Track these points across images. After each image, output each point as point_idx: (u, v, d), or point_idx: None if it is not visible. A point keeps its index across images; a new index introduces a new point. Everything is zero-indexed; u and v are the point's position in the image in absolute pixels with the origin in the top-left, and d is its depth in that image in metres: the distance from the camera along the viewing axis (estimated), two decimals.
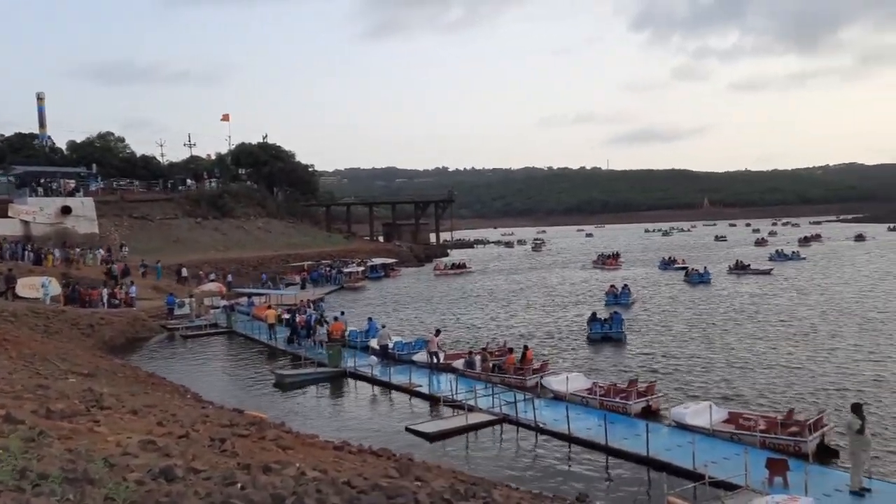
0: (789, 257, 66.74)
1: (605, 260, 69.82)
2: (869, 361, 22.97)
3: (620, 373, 22.75)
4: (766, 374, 21.99)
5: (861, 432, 12.64)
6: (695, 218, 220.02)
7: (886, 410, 17.35)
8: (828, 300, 37.56)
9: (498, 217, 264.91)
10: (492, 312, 38.90)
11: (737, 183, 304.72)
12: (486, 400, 19.07)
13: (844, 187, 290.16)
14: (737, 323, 31.77)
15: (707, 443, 14.82)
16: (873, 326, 29.16)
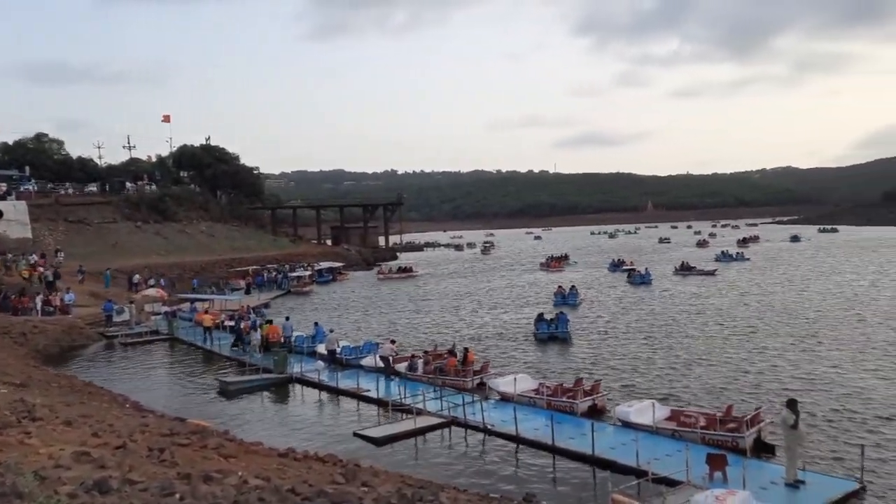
0: (734, 258, 68.74)
1: (550, 262, 70.61)
2: (804, 359, 23.79)
3: (567, 372, 23.05)
4: (707, 371, 22.58)
5: (795, 427, 13.09)
6: (639, 220, 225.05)
7: (819, 406, 18.00)
8: (766, 300, 38.82)
9: (447, 220, 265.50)
10: (439, 315, 38.92)
11: (679, 186, 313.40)
12: (435, 403, 19.06)
13: (780, 190, 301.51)
14: (679, 323, 32.56)
15: (650, 440, 15.13)
16: (808, 325, 30.25)
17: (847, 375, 21.01)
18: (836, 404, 18.10)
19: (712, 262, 64.90)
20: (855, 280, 46.84)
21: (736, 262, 66.77)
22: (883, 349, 24.48)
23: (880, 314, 31.98)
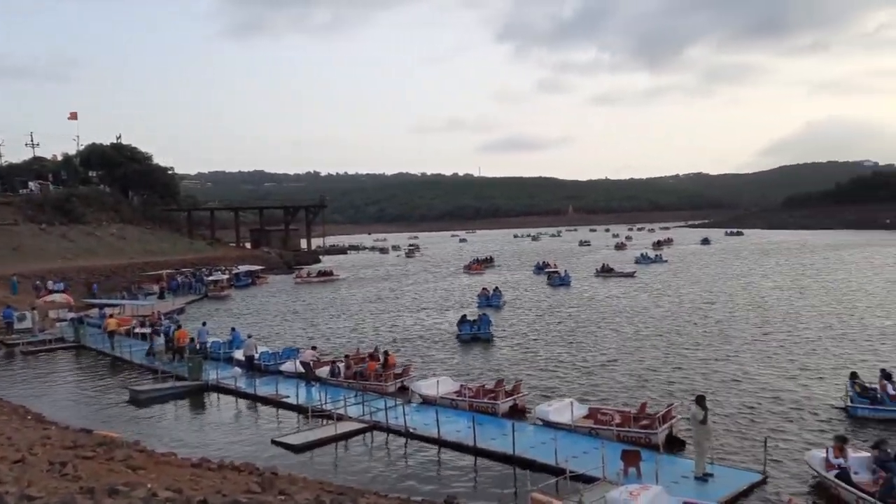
0: (653, 260, 71.11)
1: (472, 265, 71.07)
2: (712, 357, 24.80)
3: (490, 373, 23.26)
4: (624, 370, 23.24)
5: (704, 422, 13.64)
6: (560, 223, 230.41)
7: (726, 402, 18.81)
8: (679, 301, 40.34)
9: (372, 222, 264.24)
10: (361, 319, 38.50)
11: (598, 190, 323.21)
12: (357, 408, 18.85)
13: (692, 195, 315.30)
14: (597, 323, 33.43)
15: (569, 438, 15.42)
16: (717, 325, 31.56)
17: (751, 372, 22.01)
18: (741, 400, 18.94)
19: (632, 264, 66.91)
20: (759, 281, 49.32)
21: (655, 263, 69.11)
22: (784, 347, 25.82)
23: (781, 314, 33.75)
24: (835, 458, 12.80)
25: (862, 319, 30.92)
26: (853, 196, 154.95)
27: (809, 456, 13.63)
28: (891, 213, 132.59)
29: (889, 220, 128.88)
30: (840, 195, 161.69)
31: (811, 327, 29.48)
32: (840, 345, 25.78)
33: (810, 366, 22.52)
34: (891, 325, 29.19)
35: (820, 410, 17.65)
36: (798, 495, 12.51)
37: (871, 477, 12.29)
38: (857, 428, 15.89)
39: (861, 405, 16.76)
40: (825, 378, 20.77)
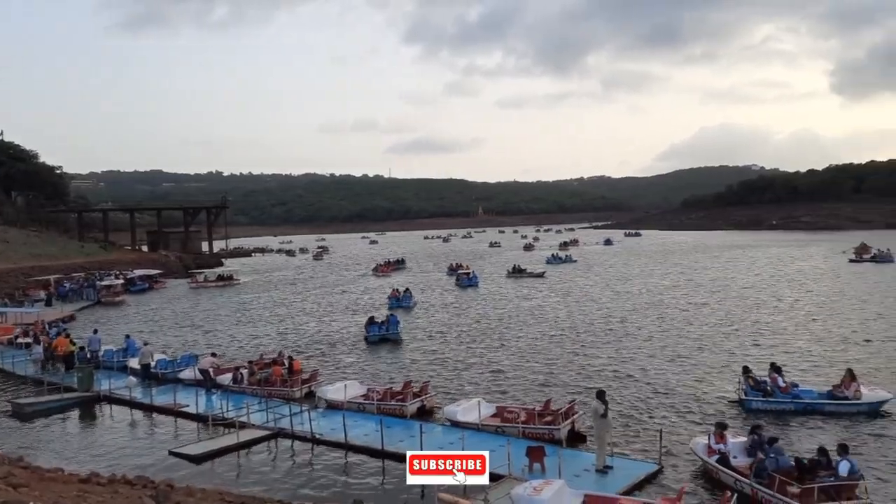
0: (562, 260, 72.88)
1: (380, 267, 70.64)
2: (613, 353, 25.70)
3: (400, 374, 23.12)
4: (532, 368, 23.64)
5: (604, 416, 14.08)
6: (470, 225, 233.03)
7: (626, 396, 19.50)
8: (585, 300, 41.51)
9: (278, 224, 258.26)
10: (265, 324, 37.44)
11: (507, 192, 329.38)
12: (261, 415, 18.31)
13: (596, 197, 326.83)
14: (506, 322, 33.94)
15: (476, 437, 15.55)
16: (618, 322, 32.73)
17: (651, 368, 22.88)
18: (640, 395, 19.66)
19: (543, 264, 68.29)
20: (658, 280, 51.52)
21: (565, 263, 70.92)
22: (681, 343, 27.00)
23: (679, 311, 35.34)
24: (716, 443, 13.63)
25: (751, 315, 32.73)
26: (742, 198, 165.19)
27: (694, 443, 14.37)
28: (775, 215, 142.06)
29: (775, 222, 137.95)
30: (730, 198, 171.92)
31: (706, 324, 30.93)
32: (733, 340, 27.09)
33: (706, 361, 23.50)
34: (776, 321, 31.09)
35: (715, 403, 18.43)
36: (689, 483, 13.13)
37: (748, 460, 13.10)
38: (751, 420, 16.47)
39: (754, 398, 17.56)
40: (720, 372, 21.70)
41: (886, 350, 24.04)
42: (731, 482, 12.76)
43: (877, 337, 26.43)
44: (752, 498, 12.07)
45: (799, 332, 28.26)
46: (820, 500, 11.17)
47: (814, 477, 11.76)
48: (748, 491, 12.25)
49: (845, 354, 23.45)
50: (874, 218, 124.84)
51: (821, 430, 15.83)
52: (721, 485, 12.96)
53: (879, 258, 59.15)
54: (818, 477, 11.74)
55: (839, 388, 17.27)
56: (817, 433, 15.65)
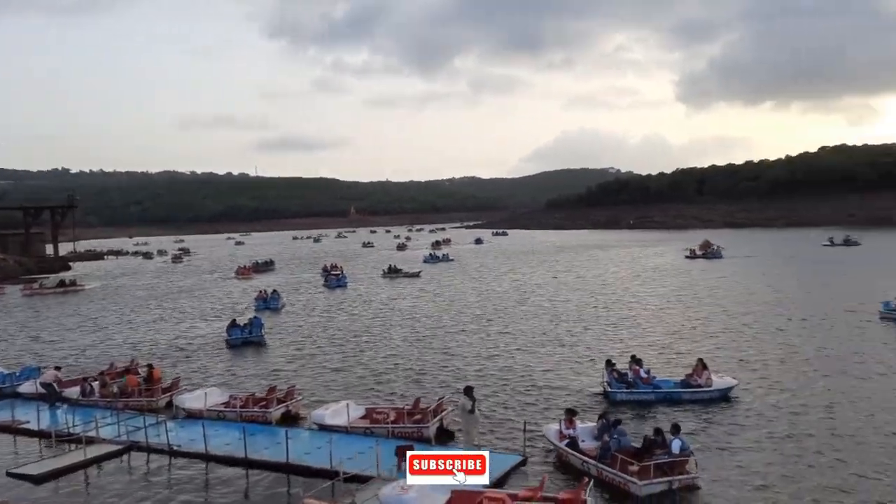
0: (440, 259, 73.45)
1: (241, 269, 67.80)
2: (482, 349, 26.24)
3: (266, 379, 22.30)
4: (404, 367, 23.62)
5: (472, 411, 14.35)
6: (342, 225, 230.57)
7: (494, 391, 19.91)
8: (457, 298, 41.98)
9: (135, 225, 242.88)
10: (118, 332, 34.79)
11: (378, 192, 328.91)
12: (112, 429, 17.05)
13: (467, 197, 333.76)
14: (377, 323, 33.75)
15: (345, 440, 15.37)
16: (487, 319, 33.47)
17: (519, 363, 23.50)
18: (508, 389, 20.13)
19: (420, 263, 68.61)
20: (527, 279, 53.23)
21: (442, 262, 71.59)
22: (546, 338, 28.04)
23: (545, 308, 36.68)
24: (566, 429, 14.43)
25: (611, 311, 34.45)
26: (601, 199, 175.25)
27: (546, 430, 15.05)
28: (631, 215, 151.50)
29: (632, 221, 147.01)
30: (591, 198, 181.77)
31: (570, 320, 32.20)
32: (596, 335, 28.29)
33: (572, 355, 24.41)
34: (632, 316, 32.97)
35: (581, 396, 19.13)
36: (552, 471, 13.64)
37: (595, 443, 13.93)
38: (616, 410, 17.11)
39: (618, 390, 18.42)
40: (584, 366, 22.59)
41: (728, 339, 26.14)
42: (579, 464, 13.60)
43: (719, 327, 28.72)
44: (597, 478, 12.90)
45: (653, 325, 30.15)
46: (656, 475, 12.32)
47: (651, 455, 12.85)
48: (594, 472, 13.11)
49: (694, 344, 25.26)
50: (714, 218, 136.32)
51: (679, 417, 16.75)
52: (571, 467, 13.70)
53: (710, 254, 64.76)
54: (655, 455, 12.84)
55: (692, 377, 18.57)
56: (676, 419, 16.55)
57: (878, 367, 20.72)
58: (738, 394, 18.33)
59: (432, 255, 75.56)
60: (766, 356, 22.77)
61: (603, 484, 12.77)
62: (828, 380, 19.52)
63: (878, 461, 13.52)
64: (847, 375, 19.92)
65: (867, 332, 26.42)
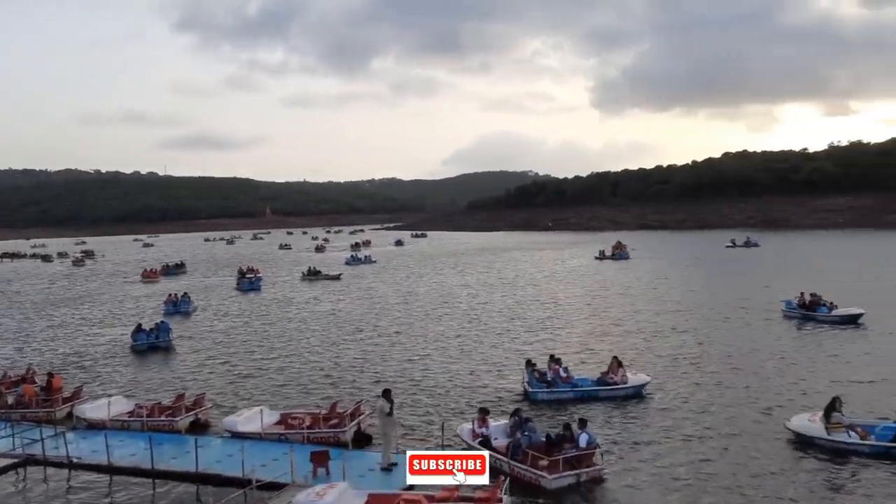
0: (362, 261, 72.65)
1: (147, 272, 64.84)
2: (401, 351, 26.14)
3: (174, 386, 21.42)
4: (322, 371, 23.22)
5: (390, 414, 14.25)
6: (257, 226, 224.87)
7: (414, 393, 19.84)
8: (379, 300, 41.58)
9: (32, 226, 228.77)
10: (11, 341, 32.47)
11: (296, 193, 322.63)
12: (6, 442, 16.00)
13: (387, 199, 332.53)
14: (293, 326, 33.09)
15: (258, 447, 14.93)
16: (407, 322, 33.38)
17: (437, 365, 23.53)
18: (427, 390, 20.13)
19: (341, 265, 67.79)
20: (447, 280, 53.47)
21: (364, 264, 70.93)
22: (466, 340, 28.15)
23: (464, 309, 36.85)
24: (479, 427, 14.65)
25: (529, 312, 34.83)
26: (520, 201, 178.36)
27: (460, 429, 15.16)
28: (548, 217, 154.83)
29: (550, 223, 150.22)
30: (509, 201, 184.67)
31: (490, 321, 32.28)
32: (515, 335, 28.48)
33: (492, 356, 24.46)
34: (549, 316, 33.56)
35: (502, 396, 19.16)
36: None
37: (507, 441, 14.18)
38: (536, 410, 17.43)
39: (539, 389, 18.65)
40: (505, 366, 22.69)
41: (641, 337, 27.00)
42: (491, 462, 13.61)
43: (632, 326, 29.60)
44: (510, 474, 13.11)
45: (570, 324, 30.79)
46: (564, 469, 12.80)
47: (560, 450, 13.28)
48: (506, 468, 13.37)
49: (608, 343, 25.94)
50: (627, 220, 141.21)
51: (597, 414, 17.26)
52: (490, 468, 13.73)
53: (617, 255, 67.18)
54: (564, 450, 13.28)
55: (608, 375, 19.09)
56: (595, 417, 16.96)
57: (779, 364, 21.72)
58: (650, 390, 18.96)
59: (354, 257, 74.81)
60: (677, 354, 23.63)
61: (515, 480, 12.98)
62: (734, 376, 20.37)
63: (775, 456, 14.19)
64: (751, 372, 20.81)
65: (771, 329, 27.80)
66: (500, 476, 12.20)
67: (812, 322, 28.49)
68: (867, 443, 14.02)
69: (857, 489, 12.50)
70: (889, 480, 12.79)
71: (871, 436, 14.17)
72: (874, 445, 13.94)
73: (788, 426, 15.08)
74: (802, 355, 22.99)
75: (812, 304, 29.57)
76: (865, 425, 14.55)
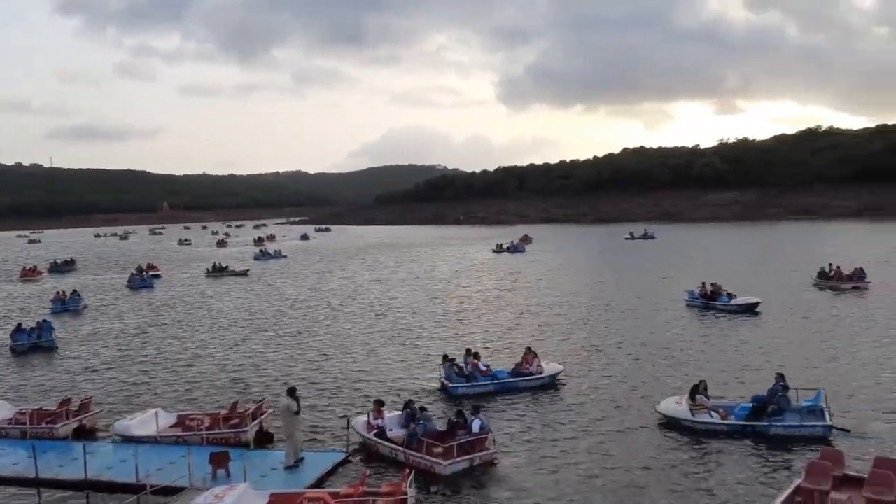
0: (272, 256, 70.61)
1: (26, 271, 60.27)
2: (314, 350, 25.52)
3: (59, 390, 20.10)
4: (222, 371, 22.44)
5: (297, 413, 14.02)
6: (154, 221, 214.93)
7: (323, 391, 19.43)
8: (284, 297, 40.51)
9: None
10: None
11: (196, 186, 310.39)
12: None
13: (293, 192, 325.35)
14: (190, 324, 31.81)
15: (154, 451, 14.36)
16: (318, 320, 32.64)
17: (349, 361, 23.17)
18: (338, 387, 19.74)
19: (250, 261, 65.80)
20: (357, 275, 52.73)
21: (274, 259, 69.07)
22: (377, 336, 27.86)
23: (375, 305, 36.47)
24: (374, 419, 14.70)
25: (441, 306, 34.69)
26: (429, 195, 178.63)
27: (355, 422, 15.09)
28: (457, 210, 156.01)
29: (461, 217, 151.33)
30: (418, 194, 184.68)
31: (404, 316, 31.96)
32: (428, 331, 28.27)
33: (405, 353, 24.12)
34: (461, 310, 33.73)
35: (419, 392, 18.85)
36: (374, 467, 13.57)
37: (402, 431, 14.32)
38: (457, 405, 17.14)
39: (460, 384, 18.51)
40: (419, 362, 22.52)
41: (550, 328, 27.63)
42: (388, 452, 13.99)
43: (541, 318, 30.20)
44: (406, 463, 13.35)
45: (481, 317, 30.98)
46: (458, 455, 13.15)
47: (454, 437, 13.61)
48: (402, 458, 13.59)
49: (519, 335, 26.33)
50: (532, 213, 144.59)
51: (516, 404, 17.55)
52: (380, 456, 14.03)
53: (513, 249, 68.87)
54: (458, 436, 13.61)
55: (522, 366, 19.42)
56: (514, 407, 17.34)
57: (681, 352, 22.63)
58: (563, 378, 19.46)
59: (263, 252, 72.85)
60: (586, 344, 24.32)
61: (412, 468, 13.04)
62: (637, 364, 21.14)
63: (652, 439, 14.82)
64: (655, 360, 21.57)
65: (674, 319, 28.95)
66: (405, 469, 12.18)
67: (713, 311, 29.84)
68: (726, 422, 14.92)
69: (716, 466, 13.17)
70: (744, 456, 13.59)
71: (731, 416, 15.10)
72: (732, 424, 14.86)
73: (658, 409, 15.82)
74: (705, 343, 23.99)
75: (713, 294, 31.04)
76: (727, 406, 15.50)
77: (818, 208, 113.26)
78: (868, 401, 16.55)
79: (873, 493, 10.34)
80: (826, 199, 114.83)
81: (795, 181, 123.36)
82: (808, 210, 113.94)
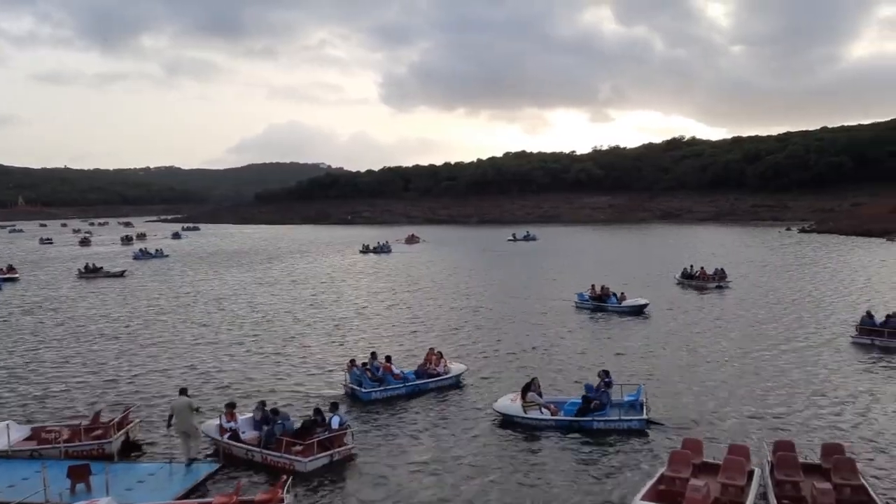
0: (153, 255, 66.91)
1: None
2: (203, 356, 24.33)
3: None
4: (82, 379, 20.92)
5: (198, 410, 13.73)
6: (6, 218, 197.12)
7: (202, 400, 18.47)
8: (163, 299, 38.27)
9: None
10: None
11: (55, 181, 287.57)
12: None
13: (165, 189, 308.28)
14: (47, 331, 29.49)
15: (4, 466, 13.35)
16: (203, 324, 31.27)
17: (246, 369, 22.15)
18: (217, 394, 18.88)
19: (130, 260, 62.38)
20: (241, 277, 51.03)
21: (156, 258, 65.73)
22: (271, 342, 27.02)
23: (259, 309, 35.42)
24: (227, 422, 14.39)
25: (331, 311, 33.24)
26: (312, 194, 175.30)
27: (206, 426, 14.65)
28: (341, 210, 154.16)
29: (350, 217, 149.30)
30: (301, 193, 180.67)
31: (286, 322, 30.60)
32: (318, 334, 27.38)
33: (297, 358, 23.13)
34: (353, 315, 33.20)
35: (326, 397, 17.77)
36: (251, 475, 13.15)
37: (256, 433, 14.21)
38: (368, 408, 17.03)
39: (372, 389, 17.98)
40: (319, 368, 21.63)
41: (448, 330, 27.62)
42: (243, 454, 13.82)
43: (437, 320, 30.10)
44: (263, 463, 13.40)
45: (371, 321, 30.27)
46: (318, 451, 13.31)
47: (313, 434, 13.72)
48: (259, 459, 13.54)
49: (418, 337, 26.13)
50: (417, 214, 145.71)
51: (427, 405, 17.46)
52: (235, 458, 13.76)
53: (379, 249, 69.32)
54: (316, 433, 13.74)
55: (427, 367, 19.43)
56: (426, 408, 17.24)
57: (569, 352, 23.16)
58: (466, 378, 19.64)
59: (144, 251, 68.88)
60: (482, 346, 24.45)
61: (270, 468, 13.19)
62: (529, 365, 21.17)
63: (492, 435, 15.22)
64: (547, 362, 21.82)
65: (565, 320, 29.44)
66: (283, 476, 11.85)
67: (603, 312, 30.54)
68: (554, 418, 15.58)
69: (546, 460, 13.74)
70: (572, 450, 14.21)
71: (561, 412, 15.77)
72: (560, 420, 15.52)
73: (494, 407, 16.30)
74: (592, 344, 24.56)
75: (602, 295, 31.93)
76: (558, 402, 16.21)
77: (682, 212, 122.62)
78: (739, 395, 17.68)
79: (727, 479, 11.32)
80: (689, 204, 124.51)
81: (662, 187, 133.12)
82: (673, 214, 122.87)
